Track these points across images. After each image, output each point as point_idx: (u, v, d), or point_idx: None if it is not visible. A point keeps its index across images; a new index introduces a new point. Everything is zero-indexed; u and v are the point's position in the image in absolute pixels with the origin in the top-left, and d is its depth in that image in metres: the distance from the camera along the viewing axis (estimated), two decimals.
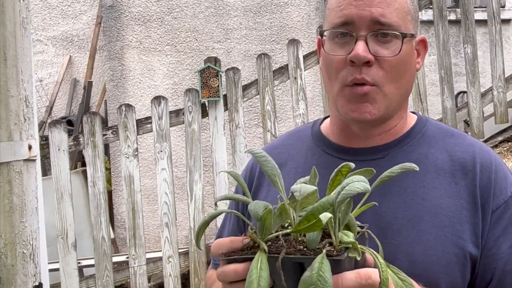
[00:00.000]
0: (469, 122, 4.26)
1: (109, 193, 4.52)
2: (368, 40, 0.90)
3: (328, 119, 1.08)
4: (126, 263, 3.51)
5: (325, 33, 0.96)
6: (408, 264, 0.88)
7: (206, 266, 3.54)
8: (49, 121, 4.45)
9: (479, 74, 4.21)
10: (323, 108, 3.89)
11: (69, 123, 4.95)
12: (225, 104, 3.63)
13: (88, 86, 5.17)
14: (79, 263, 3.39)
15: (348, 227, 0.72)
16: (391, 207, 0.92)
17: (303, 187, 0.68)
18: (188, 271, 3.56)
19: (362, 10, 0.90)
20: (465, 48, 4.20)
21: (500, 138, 4.34)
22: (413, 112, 1.06)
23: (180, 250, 3.53)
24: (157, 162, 3.46)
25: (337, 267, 0.67)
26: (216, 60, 3.63)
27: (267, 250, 0.70)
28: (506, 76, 4.28)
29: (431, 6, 4.18)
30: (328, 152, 1.01)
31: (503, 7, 5.55)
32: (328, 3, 0.97)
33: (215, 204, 0.85)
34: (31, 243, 1.28)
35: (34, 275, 1.28)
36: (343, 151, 1.00)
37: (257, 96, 3.72)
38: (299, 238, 0.71)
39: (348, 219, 0.71)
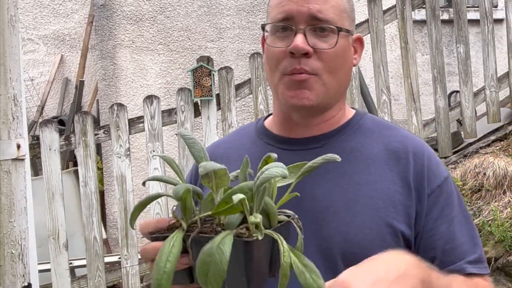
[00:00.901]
0: (461, 122, 4.27)
1: (101, 193, 4.49)
2: (307, 34, 0.98)
3: (269, 118, 1.15)
4: (118, 263, 3.49)
5: (267, 28, 1.03)
6: (345, 244, 0.95)
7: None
8: (40, 120, 4.42)
9: (471, 73, 4.22)
10: None
11: (61, 122, 4.92)
12: (218, 104, 3.61)
13: (80, 86, 5.13)
14: (70, 263, 3.37)
15: (267, 215, 0.73)
16: (328, 191, 0.99)
17: (208, 163, 0.71)
18: None
19: (301, 6, 0.97)
20: (458, 47, 4.21)
21: (492, 137, 4.35)
22: (353, 108, 1.14)
23: None
24: (149, 161, 3.44)
25: (248, 249, 0.68)
26: (208, 59, 3.61)
27: (185, 229, 0.72)
28: (498, 75, 4.29)
29: (424, 6, 4.19)
30: (270, 144, 1.08)
31: (496, 6, 5.57)
32: (270, 1, 1.05)
33: (143, 184, 0.86)
34: (19, 243, 1.26)
35: (23, 275, 1.26)
36: (284, 142, 1.06)
37: (250, 96, 3.71)
38: (221, 222, 0.73)
39: (269, 208, 0.73)
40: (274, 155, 0.81)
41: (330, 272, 0.93)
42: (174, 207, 0.77)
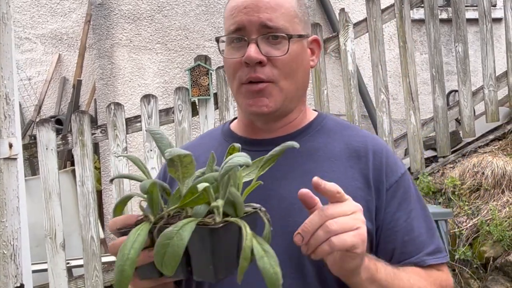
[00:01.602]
0: (460, 121, 4.26)
1: (99, 193, 4.48)
2: (259, 43, 1.00)
3: (235, 122, 1.19)
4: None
5: (223, 40, 1.07)
6: None
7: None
8: (37, 120, 4.41)
9: (470, 73, 4.21)
10: (315, 107, 3.87)
11: (59, 122, 4.91)
12: (216, 103, 3.60)
13: (78, 85, 5.12)
14: (68, 263, 3.36)
15: (233, 205, 0.74)
16: (293, 189, 0.98)
17: (174, 149, 0.73)
18: None
19: (251, 16, 1.00)
20: (456, 47, 4.20)
21: (491, 137, 4.34)
22: (315, 110, 1.18)
23: None
24: (146, 161, 3.43)
25: (214, 237, 0.70)
26: (206, 59, 3.60)
27: (152, 221, 0.73)
28: (497, 74, 4.28)
29: (422, 5, 4.18)
30: None
31: (494, 6, 5.55)
32: (224, 13, 1.08)
33: (110, 181, 0.89)
34: (12, 243, 1.25)
35: (15, 276, 1.25)
36: (249, 143, 1.09)
37: None
38: (188, 214, 0.74)
39: (235, 197, 0.74)
40: (238, 145, 0.83)
41: (295, 266, 0.98)
42: (142, 202, 0.78)
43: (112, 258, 3.70)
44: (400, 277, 0.97)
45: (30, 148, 3.39)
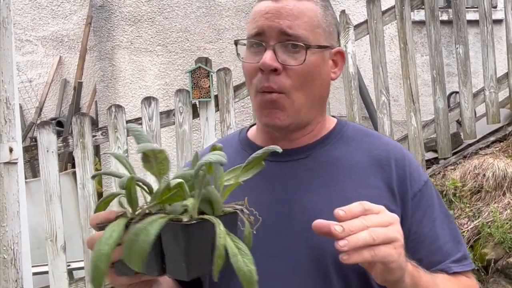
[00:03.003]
0: (461, 122, 4.25)
1: (100, 195, 4.48)
2: (277, 50, 0.97)
3: (254, 126, 1.16)
4: None
5: (244, 43, 1.04)
6: (335, 253, 0.94)
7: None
8: (38, 122, 4.41)
9: (471, 74, 4.20)
10: None
11: (59, 124, 4.91)
12: (217, 105, 3.60)
13: (78, 87, 5.12)
14: (68, 265, 3.35)
15: (210, 203, 0.74)
16: (316, 201, 0.99)
17: (147, 144, 0.73)
18: None
19: (271, 22, 0.98)
20: (457, 48, 4.20)
21: (492, 138, 4.33)
22: (334, 116, 1.15)
23: None
24: None
25: (186, 233, 0.69)
26: (207, 61, 3.60)
27: (129, 216, 0.73)
28: (498, 76, 4.28)
29: (423, 7, 4.18)
30: None
31: (495, 7, 5.55)
32: (250, 17, 1.06)
33: (92, 178, 0.88)
34: (12, 248, 1.25)
35: (16, 280, 1.25)
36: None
37: (249, 97, 3.69)
38: (167, 212, 0.73)
39: (212, 195, 0.74)
40: (219, 145, 0.81)
41: (321, 278, 0.95)
42: (121, 198, 0.77)
43: None
44: (437, 283, 0.96)
45: (31, 150, 3.39)
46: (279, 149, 0.83)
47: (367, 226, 0.78)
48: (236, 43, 1.06)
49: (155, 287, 0.91)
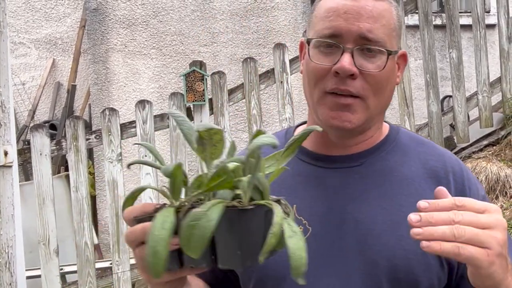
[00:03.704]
0: (454, 126, 4.27)
1: (93, 198, 4.46)
2: (354, 54, 0.91)
3: (301, 127, 1.09)
4: (109, 269, 3.45)
5: (310, 38, 0.97)
6: (390, 269, 0.91)
7: (139, 266, 3.49)
8: (31, 125, 4.38)
9: (464, 78, 4.23)
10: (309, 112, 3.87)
11: (53, 127, 4.89)
12: (211, 108, 3.60)
13: (72, 90, 5.10)
14: (61, 269, 3.33)
15: (260, 192, 0.71)
16: (371, 213, 0.94)
17: (207, 123, 0.71)
18: None
19: (351, 24, 0.91)
20: (451, 53, 4.22)
21: (485, 142, 4.36)
22: (385, 122, 1.08)
23: None
24: (141, 166, 3.41)
25: (242, 219, 0.67)
26: (201, 64, 3.60)
27: (176, 205, 0.69)
28: (491, 80, 4.30)
29: (416, 11, 4.20)
30: (306, 161, 1.02)
31: (488, 12, 5.59)
32: (316, 10, 0.98)
33: (128, 166, 0.82)
34: (6, 251, 1.24)
35: (10, 284, 1.24)
36: (321, 159, 1.01)
37: (243, 100, 3.70)
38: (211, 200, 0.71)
39: (261, 183, 0.70)
40: (265, 130, 0.77)
41: None
42: (164, 187, 0.73)
43: (105, 265, 3.67)
44: None
45: (24, 153, 3.37)
46: (319, 128, 0.77)
47: (453, 221, 0.72)
48: (308, 42, 0.97)
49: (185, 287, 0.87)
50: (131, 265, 3.39)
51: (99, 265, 3.60)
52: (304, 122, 1.10)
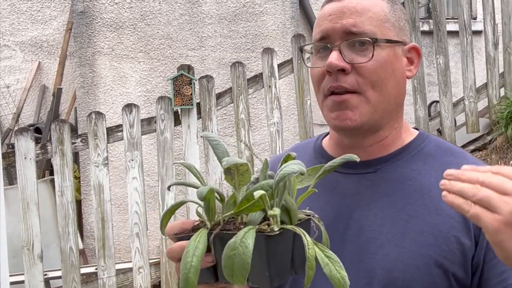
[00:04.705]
0: (441, 131, 4.29)
1: (79, 203, 4.40)
2: (343, 50, 0.92)
3: (328, 137, 1.10)
4: (95, 274, 3.41)
5: (310, 49, 1.00)
6: (388, 281, 0.88)
7: (178, 277, 3.46)
8: (16, 128, 4.32)
9: (451, 84, 4.25)
10: (298, 116, 3.87)
11: (38, 130, 4.82)
12: (199, 112, 3.57)
13: (58, 93, 5.04)
14: (45, 275, 3.28)
15: (288, 211, 0.75)
16: (378, 222, 0.92)
17: (230, 158, 0.73)
18: (160, 282, 3.48)
19: (334, 23, 0.93)
20: (438, 58, 4.25)
21: (471, 147, 4.38)
22: (416, 129, 1.06)
23: (151, 261, 3.45)
24: (127, 171, 3.38)
25: (270, 243, 0.70)
26: (189, 68, 3.58)
27: (209, 227, 0.75)
28: (477, 86, 4.34)
29: None
30: (324, 164, 1.01)
31: (475, 18, 5.64)
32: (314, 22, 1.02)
33: (168, 188, 0.89)
34: None
35: None
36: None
37: (231, 105, 3.68)
38: (243, 221, 0.75)
39: (289, 205, 0.75)
40: (294, 154, 0.80)
41: None
42: (199, 208, 0.79)
43: (90, 270, 3.62)
44: None
45: (8, 157, 3.32)
46: (357, 158, 0.78)
47: (478, 181, 0.70)
48: (301, 49, 1.02)
49: None
50: (116, 270, 3.35)
51: (84, 270, 3.55)
52: None
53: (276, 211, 0.71)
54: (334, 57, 0.91)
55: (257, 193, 0.69)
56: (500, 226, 0.68)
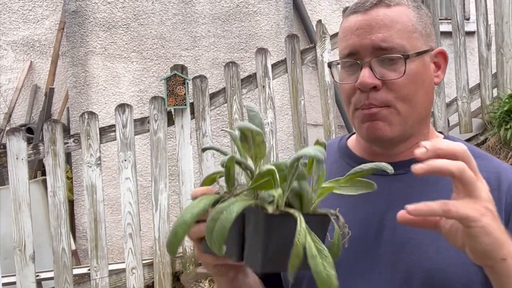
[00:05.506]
0: None
1: (71, 203, 4.38)
2: (373, 65, 0.92)
3: (352, 137, 1.09)
4: (87, 275, 3.39)
5: (336, 62, 1.00)
6: (426, 280, 0.88)
7: (171, 278, 3.45)
8: (7, 128, 4.29)
9: (444, 84, 4.27)
10: (291, 117, 3.86)
11: (29, 130, 4.79)
12: (192, 113, 3.56)
13: (50, 93, 5.01)
14: (37, 276, 3.26)
15: (300, 199, 0.72)
16: None
17: (245, 122, 0.71)
18: (153, 283, 3.46)
19: (363, 39, 0.92)
20: None
21: None
22: (441, 132, 1.06)
23: (144, 262, 3.43)
24: (120, 171, 3.36)
25: (271, 223, 0.68)
26: (183, 68, 3.56)
27: (220, 194, 0.74)
28: (470, 87, 4.35)
29: None
30: (352, 165, 0.99)
31: (468, 19, 5.66)
32: (339, 32, 1.00)
33: (202, 151, 0.87)
34: None
35: None
36: None
37: (225, 105, 3.67)
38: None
39: (303, 192, 0.71)
40: (323, 141, 0.78)
41: None
42: (219, 176, 0.78)
43: (83, 271, 3.60)
44: None
45: (0, 157, 3.29)
46: (391, 169, 0.76)
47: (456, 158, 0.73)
48: (329, 65, 1.02)
49: (241, 277, 0.87)
50: (109, 271, 3.33)
51: (76, 271, 3.53)
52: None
53: (278, 191, 0.69)
54: (366, 76, 0.91)
55: (266, 167, 0.67)
56: (484, 211, 0.72)
